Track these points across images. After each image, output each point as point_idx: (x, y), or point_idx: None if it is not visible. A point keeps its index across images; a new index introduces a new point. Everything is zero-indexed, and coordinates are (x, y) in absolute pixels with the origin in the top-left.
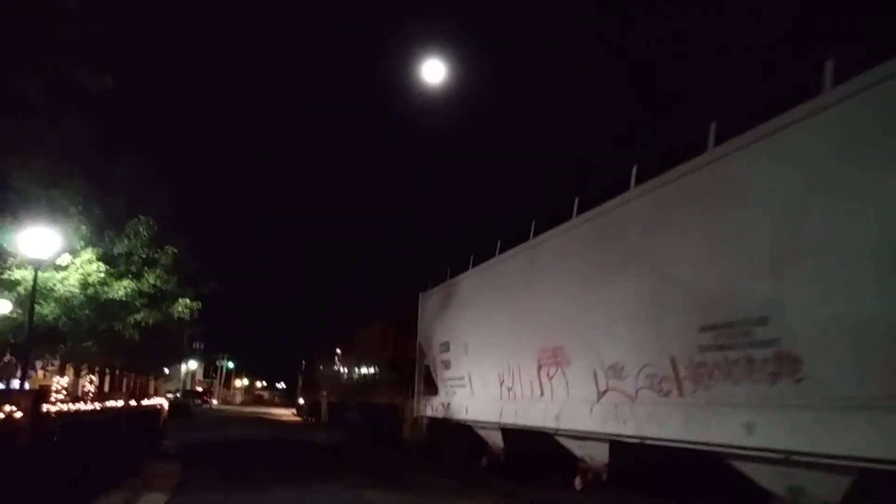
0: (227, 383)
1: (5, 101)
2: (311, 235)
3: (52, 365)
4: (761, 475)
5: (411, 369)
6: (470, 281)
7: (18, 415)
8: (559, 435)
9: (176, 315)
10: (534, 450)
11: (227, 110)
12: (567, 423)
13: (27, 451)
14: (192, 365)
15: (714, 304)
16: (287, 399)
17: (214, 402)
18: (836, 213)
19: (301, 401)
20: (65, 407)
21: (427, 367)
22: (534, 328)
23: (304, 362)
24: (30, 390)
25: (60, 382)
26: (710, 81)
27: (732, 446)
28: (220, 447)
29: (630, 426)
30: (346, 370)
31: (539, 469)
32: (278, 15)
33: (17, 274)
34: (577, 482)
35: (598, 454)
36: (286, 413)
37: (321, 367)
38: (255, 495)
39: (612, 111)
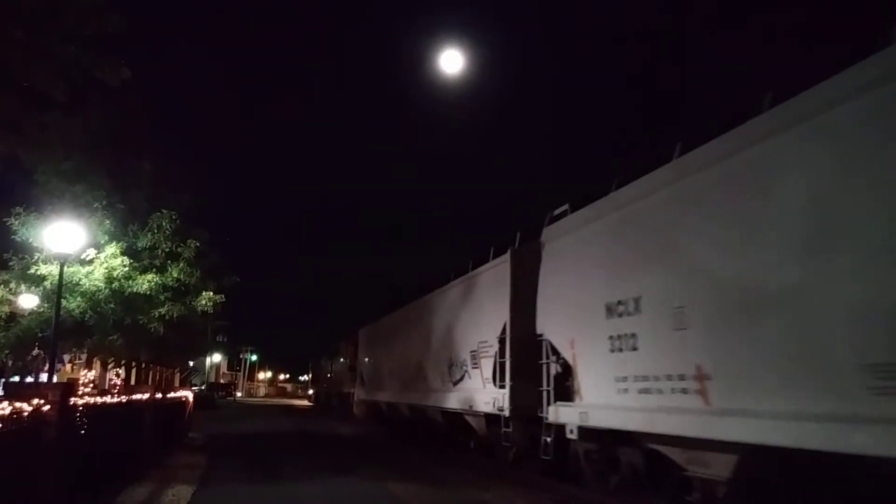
0: (251, 376)
1: (27, 95)
2: (333, 232)
3: (80, 358)
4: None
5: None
6: (384, 322)
7: (46, 408)
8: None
9: (200, 308)
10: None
11: (250, 108)
12: (431, 402)
13: (55, 443)
14: (217, 358)
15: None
16: (307, 390)
17: (238, 394)
18: None
19: (311, 391)
20: (92, 400)
21: (362, 371)
22: (423, 347)
23: (312, 360)
24: (58, 383)
25: (88, 376)
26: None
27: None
28: (244, 439)
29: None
30: (331, 369)
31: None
32: (296, 10)
33: (43, 269)
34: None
35: (520, 438)
36: (304, 402)
37: (321, 365)
38: (280, 487)
39: (632, 105)
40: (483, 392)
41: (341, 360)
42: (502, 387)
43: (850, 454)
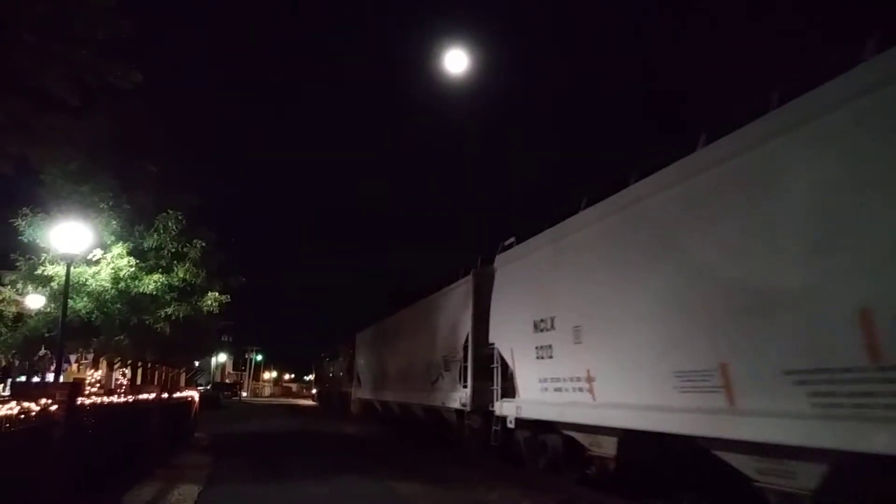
0: (256, 375)
1: (36, 96)
2: (337, 233)
3: (86, 358)
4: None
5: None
6: (375, 328)
7: (54, 407)
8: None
9: (205, 309)
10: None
11: (254, 109)
12: (414, 399)
13: (63, 443)
14: (222, 358)
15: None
16: (311, 390)
17: (244, 394)
18: None
19: (314, 391)
20: (98, 400)
21: (358, 373)
22: (408, 351)
23: (315, 361)
24: (65, 383)
25: (94, 376)
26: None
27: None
28: (249, 438)
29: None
30: (332, 369)
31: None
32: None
33: (49, 269)
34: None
35: (479, 428)
36: (308, 402)
37: (323, 365)
38: (285, 486)
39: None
40: (452, 391)
41: (341, 360)
42: (465, 386)
43: (675, 434)
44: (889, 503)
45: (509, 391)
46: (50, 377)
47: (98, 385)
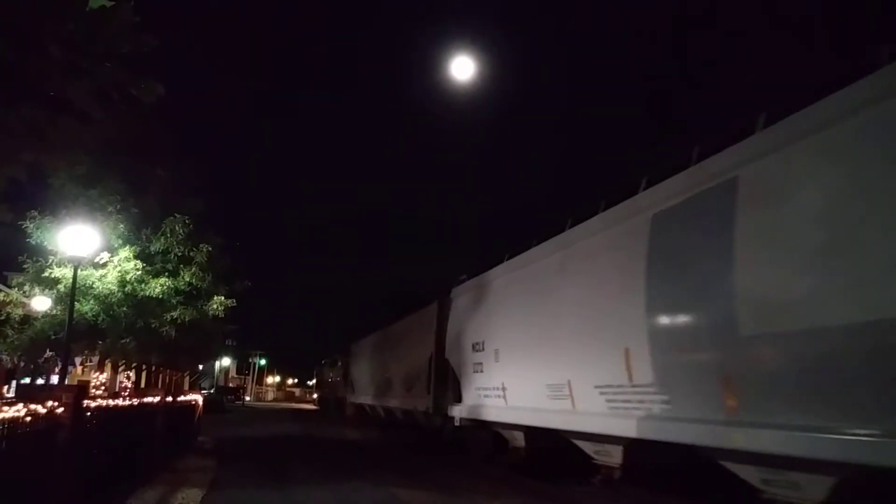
0: (260, 380)
1: (50, 104)
2: (340, 238)
3: (91, 361)
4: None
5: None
6: (366, 341)
7: (60, 410)
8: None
9: (211, 313)
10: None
11: (260, 113)
12: (395, 404)
13: (68, 446)
14: (226, 362)
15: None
16: (313, 395)
17: (247, 398)
18: None
19: (315, 395)
20: (104, 402)
21: (352, 380)
22: (391, 363)
23: (317, 367)
24: (70, 385)
25: (99, 378)
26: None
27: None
28: (253, 443)
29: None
30: (331, 376)
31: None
32: (310, 20)
33: (57, 272)
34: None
35: (439, 427)
36: (310, 406)
37: (324, 371)
38: (288, 492)
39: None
40: (421, 397)
41: (339, 366)
42: (429, 393)
43: (552, 428)
44: (659, 471)
45: (459, 397)
46: (54, 379)
47: (102, 388)
